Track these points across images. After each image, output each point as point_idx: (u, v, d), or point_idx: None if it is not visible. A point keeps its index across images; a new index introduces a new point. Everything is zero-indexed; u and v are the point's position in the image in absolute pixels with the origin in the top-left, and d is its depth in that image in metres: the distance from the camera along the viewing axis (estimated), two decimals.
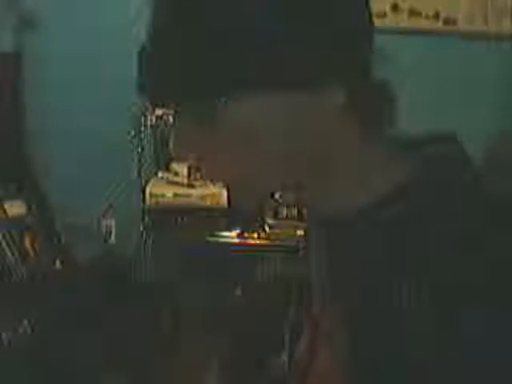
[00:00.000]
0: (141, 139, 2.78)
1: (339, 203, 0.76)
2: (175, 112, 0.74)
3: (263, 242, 2.80)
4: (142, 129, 2.77)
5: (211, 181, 0.80)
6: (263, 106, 0.70)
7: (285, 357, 0.91)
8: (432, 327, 0.66)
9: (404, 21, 2.95)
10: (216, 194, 2.70)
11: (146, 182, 2.81)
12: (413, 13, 2.96)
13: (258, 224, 2.79)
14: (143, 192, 2.76)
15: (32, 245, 2.50)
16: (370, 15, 0.75)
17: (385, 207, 0.73)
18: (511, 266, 0.67)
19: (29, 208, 2.55)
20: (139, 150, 2.79)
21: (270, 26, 0.68)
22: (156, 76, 0.73)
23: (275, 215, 2.77)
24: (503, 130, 2.62)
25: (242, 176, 0.74)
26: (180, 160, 0.81)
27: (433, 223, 0.70)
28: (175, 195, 2.75)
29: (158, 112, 2.73)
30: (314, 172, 0.75)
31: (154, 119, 2.76)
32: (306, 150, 0.73)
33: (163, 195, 2.75)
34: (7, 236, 2.38)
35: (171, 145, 0.75)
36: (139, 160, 2.80)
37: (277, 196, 0.78)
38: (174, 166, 2.86)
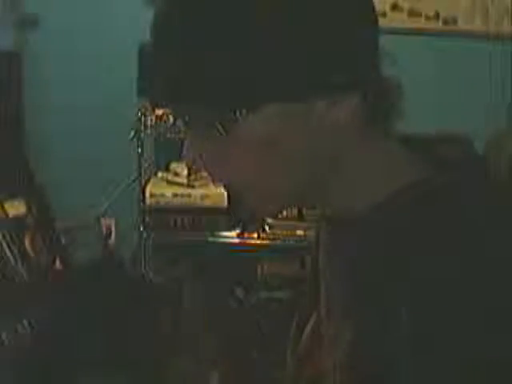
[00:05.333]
0: (141, 139, 2.78)
1: (347, 203, 0.76)
2: (184, 120, 0.74)
3: (263, 242, 2.80)
4: (142, 129, 2.77)
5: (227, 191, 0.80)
6: (275, 113, 0.70)
7: (288, 354, 0.91)
8: (435, 329, 0.66)
9: (404, 21, 2.95)
10: (216, 194, 2.70)
11: (146, 182, 2.81)
12: (413, 13, 2.96)
13: (258, 224, 2.79)
14: (143, 192, 2.76)
15: (32, 245, 2.49)
16: (375, 14, 0.75)
17: (393, 207, 0.73)
18: None
19: (29, 208, 2.55)
20: (139, 150, 2.79)
21: (278, 28, 0.68)
22: (157, 77, 0.73)
23: (275, 215, 2.77)
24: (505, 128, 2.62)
25: (255, 182, 0.75)
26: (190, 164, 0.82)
27: (442, 224, 0.71)
28: (175, 195, 2.75)
29: (158, 112, 2.73)
30: (323, 173, 0.75)
31: (153, 119, 2.76)
32: (316, 152, 0.73)
33: (163, 195, 2.75)
34: (7, 236, 2.38)
35: (183, 154, 0.76)
36: (139, 160, 2.80)
37: None
38: (174, 166, 2.86)
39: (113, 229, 2.92)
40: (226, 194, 2.65)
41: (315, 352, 0.83)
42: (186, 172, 2.76)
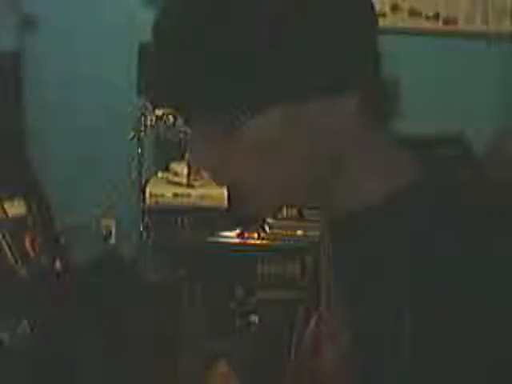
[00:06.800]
0: (141, 139, 2.78)
1: (348, 204, 0.76)
2: (187, 121, 0.74)
3: (263, 242, 2.80)
4: (142, 129, 2.77)
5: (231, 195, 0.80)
6: (279, 114, 0.70)
7: (290, 353, 0.92)
8: (434, 328, 0.66)
9: (404, 21, 2.96)
10: (216, 194, 2.70)
11: (146, 182, 2.81)
12: (413, 13, 2.97)
13: (258, 224, 2.79)
14: (143, 192, 2.76)
15: (32, 245, 2.49)
16: (375, 15, 0.75)
17: (393, 208, 0.73)
18: None
19: (29, 208, 2.55)
20: (139, 150, 2.79)
21: (280, 30, 0.68)
22: (158, 77, 0.73)
23: (275, 215, 2.77)
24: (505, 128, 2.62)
25: (257, 183, 0.75)
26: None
27: (439, 224, 0.71)
28: (175, 195, 2.75)
29: (158, 112, 2.73)
30: (324, 174, 0.75)
31: (153, 119, 2.76)
32: (319, 153, 0.73)
33: (163, 195, 2.75)
34: (7, 236, 2.38)
35: (188, 155, 0.76)
36: (139, 160, 2.80)
37: None
38: (174, 166, 2.86)
39: (113, 229, 2.93)
40: (226, 193, 2.65)
41: (317, 351, 0.83)
42: (185, 172, 2.76)
